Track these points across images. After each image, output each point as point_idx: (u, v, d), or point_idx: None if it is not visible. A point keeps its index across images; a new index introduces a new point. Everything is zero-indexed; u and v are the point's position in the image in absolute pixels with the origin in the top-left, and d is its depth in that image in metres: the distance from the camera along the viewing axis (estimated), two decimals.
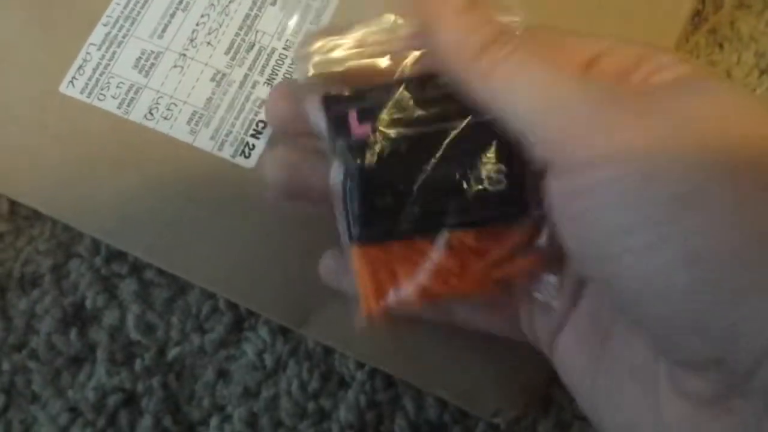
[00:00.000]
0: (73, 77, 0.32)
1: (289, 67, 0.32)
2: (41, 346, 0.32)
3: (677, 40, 0.34)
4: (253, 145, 0.32)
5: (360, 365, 0.31)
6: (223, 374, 0.32)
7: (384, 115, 0.24)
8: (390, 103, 0.24)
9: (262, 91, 0.32)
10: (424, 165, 0.24)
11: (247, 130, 0.32)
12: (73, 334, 0.32)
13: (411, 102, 0.24)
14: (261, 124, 0.32)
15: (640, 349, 0.22)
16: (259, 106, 0.32)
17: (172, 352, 0.32)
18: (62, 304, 0.32)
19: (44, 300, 0.32)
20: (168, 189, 0.31)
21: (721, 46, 0.39)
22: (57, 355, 0.32)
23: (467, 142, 0.24)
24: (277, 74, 0.32)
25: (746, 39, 0.40)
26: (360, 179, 0.24)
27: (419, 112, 0.24)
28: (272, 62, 0.32)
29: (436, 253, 0.24)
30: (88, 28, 0.33)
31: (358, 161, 0.24)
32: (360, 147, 0.24)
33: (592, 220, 0.20)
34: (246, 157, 0.32)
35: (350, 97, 0.25)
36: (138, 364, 0.32)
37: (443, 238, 0.24)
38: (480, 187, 0.24)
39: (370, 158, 0.24)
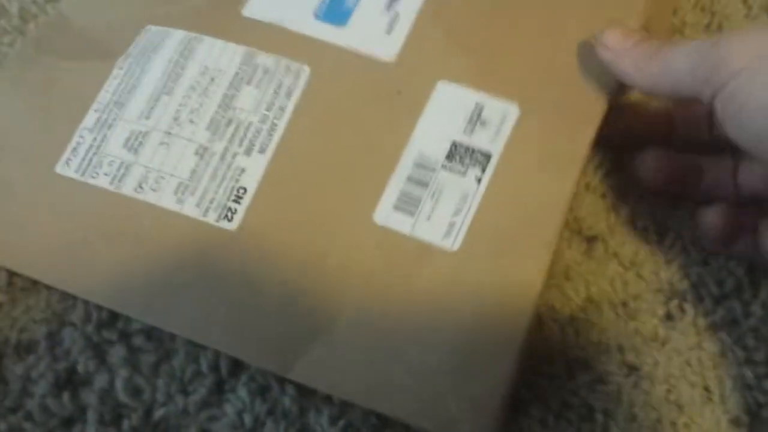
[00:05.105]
0: (68, 158, 0.35)
1: (265, 137, 0.34)
2: (35, 408, 0.33)
3: None
4: (236, 210, 0.34)
5: (333, 421, 0.32)
6: None
7: None
8: None
9: (242, 161, 0.34)
10: None
11: (229, 197, 0.34)
12: (65, 396, 0.33)
13: None
14: (242, 190, 0.34)
15: None
16: (240, 175, 0.34)
17: (158, 413, 0.33)
18: (55, 368, 0.34)
19: (39, 365, 0.34)
20: (158, 255, 0.33)
21: None
22: (50, 416, 0.33)
23: None
24: (254, 144, 0.34)
25: None
26: None
27: None
28: (249, 134, 0.35)
29: None
30: (81, 114, 0.36)
31: None
32: None
33: (748, 108, 0.29)
34: (229, 220, 0.34)
35: None
36: (126, 425, 0.33)
37: None
38: None
39: None
